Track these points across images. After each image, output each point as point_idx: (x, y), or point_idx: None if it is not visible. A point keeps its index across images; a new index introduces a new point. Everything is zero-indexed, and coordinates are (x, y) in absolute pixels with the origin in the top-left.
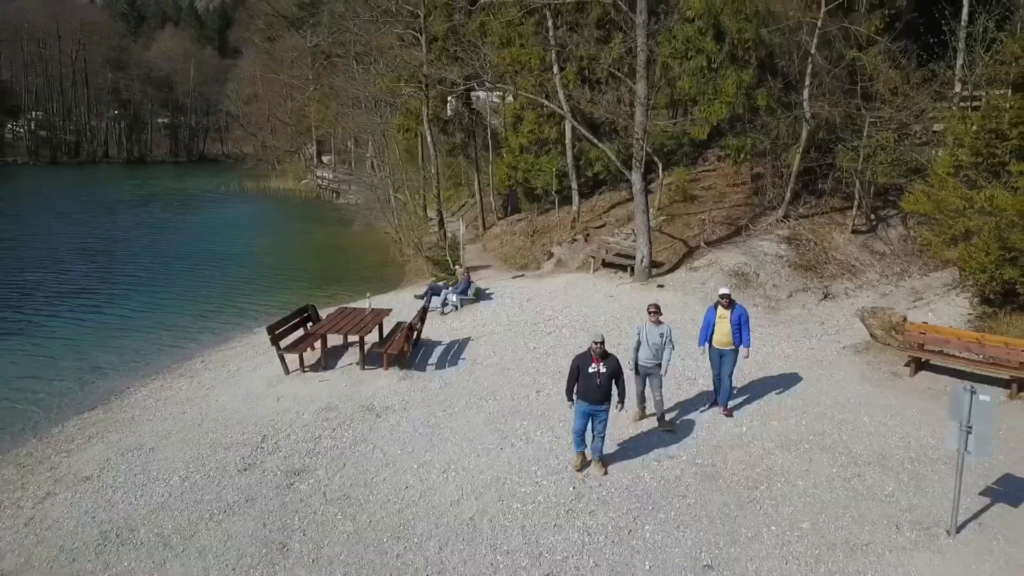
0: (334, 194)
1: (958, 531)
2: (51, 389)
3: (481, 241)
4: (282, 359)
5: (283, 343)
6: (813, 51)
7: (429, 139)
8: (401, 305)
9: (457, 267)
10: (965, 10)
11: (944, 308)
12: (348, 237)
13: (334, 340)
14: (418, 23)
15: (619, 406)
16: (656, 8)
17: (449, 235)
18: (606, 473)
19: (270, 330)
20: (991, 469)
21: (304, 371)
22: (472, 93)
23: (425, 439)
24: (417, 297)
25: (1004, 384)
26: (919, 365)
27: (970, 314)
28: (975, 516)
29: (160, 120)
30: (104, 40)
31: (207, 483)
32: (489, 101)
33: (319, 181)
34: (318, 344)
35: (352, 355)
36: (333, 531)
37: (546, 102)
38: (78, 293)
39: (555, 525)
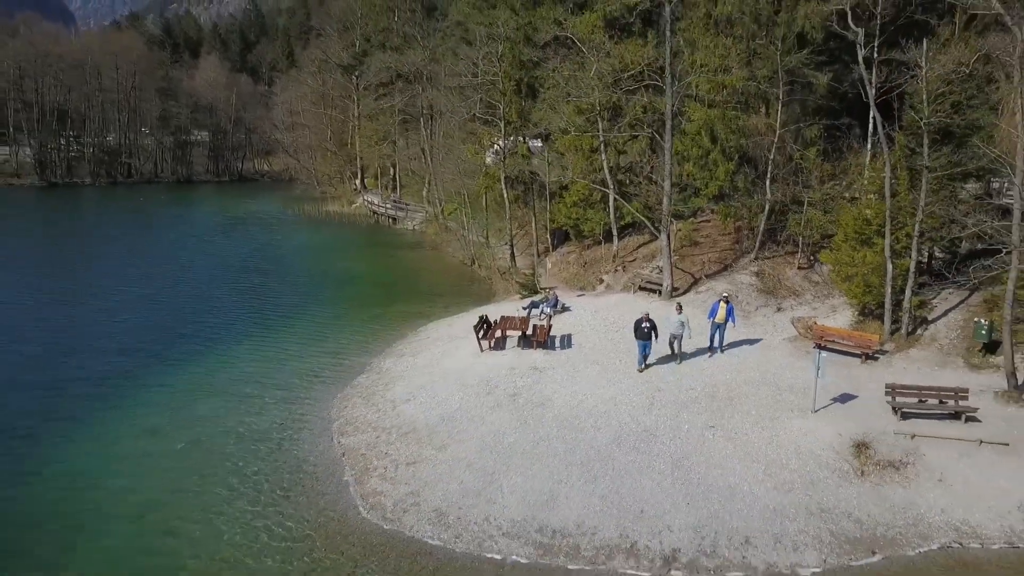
0: (391, 220)
1: (815, 412)
2: (319, 364)
3: (541, 267)
4: (479, 343)
5: (477, 333)
6: (772, 156)
7: (505, 195)
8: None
9: (547, 289)
10: (872, 123)
11: (842, 317)
12: (424, 260)
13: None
14: (498, 111)
15: (656, 339)
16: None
17: (529, 268)
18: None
19: (475, 328)
20: (838, 390)
21: (490, 350)
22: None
23: (570, 381)
24: (523, 309)
25: (858, 356)
26: (820, 347)
27: (853, 320)
28: (825, 407)
29: (195, 136)
30: (154, 70)
31: (473, 400)
32: (543, 152)
33: (372, 207)
34: (498, 334)
35: (511, 342)
36: (544, 415)
37: (594, 184)
38: (274, 302)
39: (643, 413)
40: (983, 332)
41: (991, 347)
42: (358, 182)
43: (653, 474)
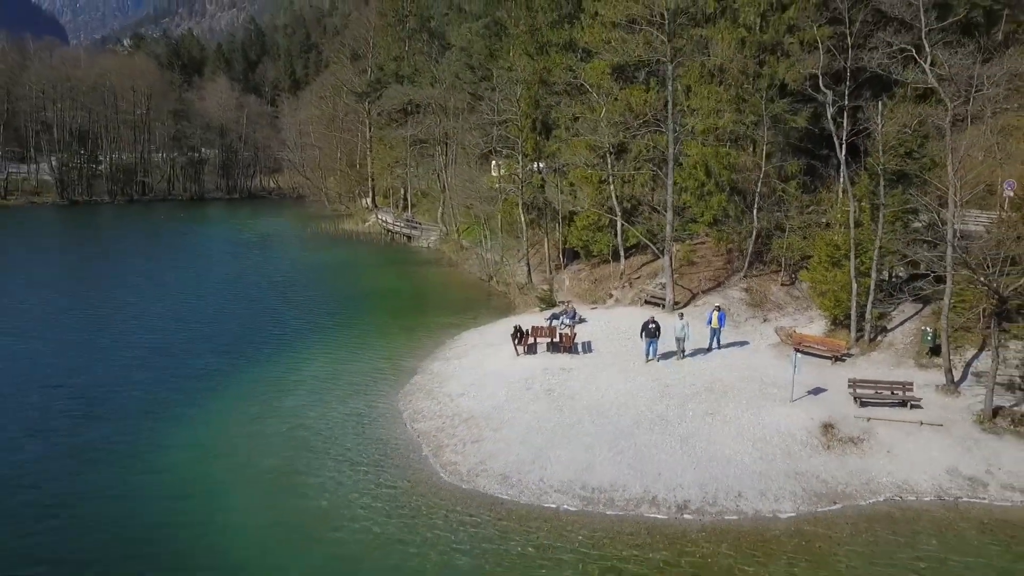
0: (406, 238)
1: (793, 401)
2: (377, 366)
3: (550, 282)
4: (515, 348)
5: (514, 340)
6: (758, 188)
7: (522, 219)
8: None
9: (564, 303)
10: (842, 168)
11: (817, 326)
12: (444, 276)
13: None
14: (516, 146)
15: (659, 337)
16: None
17: (549, 285)
18: (658, 361)
19: (512, 336)
20: (811, 385)
21: (524, 354)
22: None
23: (593, 379)
24: (546, 320)
25: (829, 358)
26: (798, 351)
27: (826, 329)
28: (800, 397)
29: (205, 154)
30: (167, 92)
31: (516, 394)
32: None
33: (386, 225)
34: (531, 340)
35: (541, 348)
36: (576, 405)
37: (604, 212)
38: (323, 312)
39: (656, 402)
40: (928, 339)
41: (935, 350)
42: (369, 201)
43: (666, 448)
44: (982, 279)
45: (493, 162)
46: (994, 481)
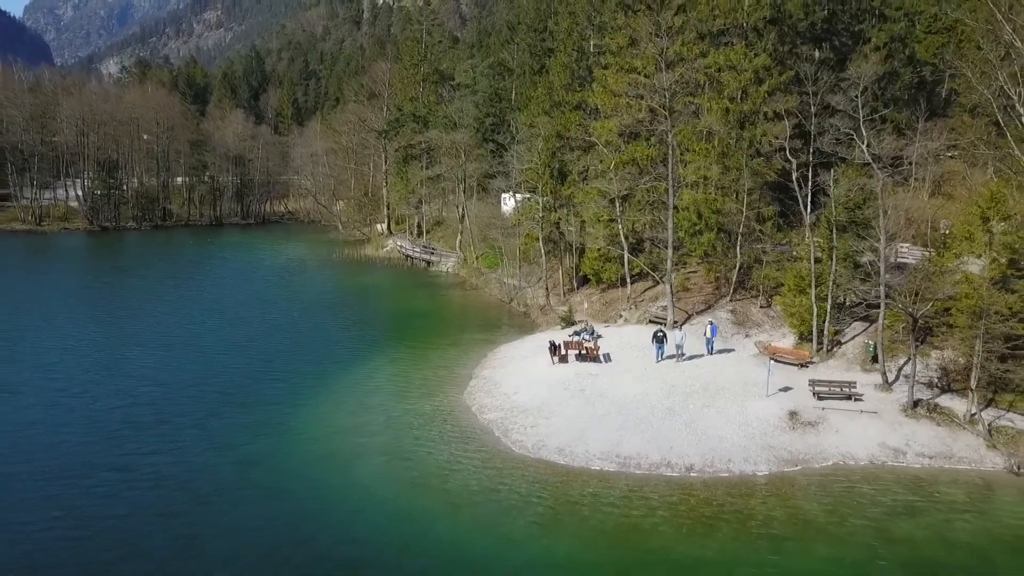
0: (425, 263)
1: (768, 397)
2: (438, 374)
3: (569, 304)
4: (551, 358)
5: (551, 352)
6: (741, 228)
7: (541, 250)
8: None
9: (582, 322)
10: (809, 208)
11: (788, 340)
12: (468, 298)
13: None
14: (539, 190)
15: (666, 344)
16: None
17: (567, 306)
18: (664, 366)
19: (549, 349)
20: (782, 385)
21: (558, 363)
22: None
23: (615, 382)
24: (569, 336)
25: (796, 365)
26: (772, 360)
27: (795, 342)
28: (773, 394)
29: (222, 181)
30: (186, 123)
31: (556, 393)
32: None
33: (405, 251)
34: (563, 352)
35: (570, 358)
36: (604, 401)
37: (613, 247)
38: (378, 328)
39: (664, 399)
40: (870, 350)
41: (876, 358)
42: (384, 227)
43: (675, 430)
44: (899, 306)
45: (503, 195)
46: (910, 451)
